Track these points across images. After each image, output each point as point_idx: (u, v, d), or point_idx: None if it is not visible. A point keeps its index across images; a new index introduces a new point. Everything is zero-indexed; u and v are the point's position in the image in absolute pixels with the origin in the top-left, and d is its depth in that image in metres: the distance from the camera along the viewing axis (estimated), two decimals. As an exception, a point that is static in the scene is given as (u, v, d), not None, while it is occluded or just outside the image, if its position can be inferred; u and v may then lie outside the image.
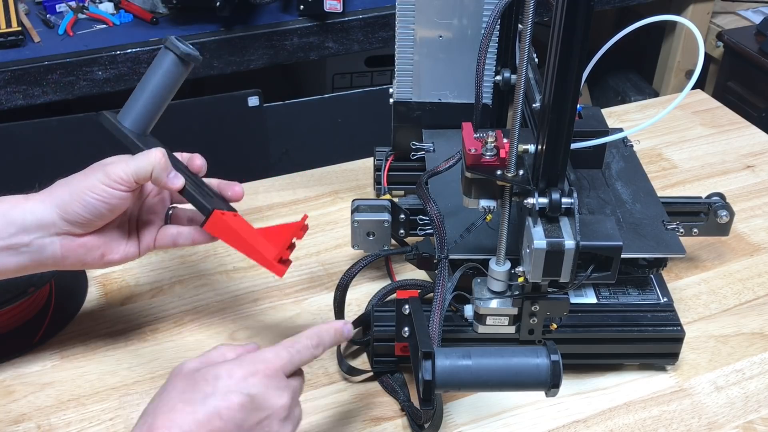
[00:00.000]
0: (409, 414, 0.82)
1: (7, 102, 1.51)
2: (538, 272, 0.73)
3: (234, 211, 0.81)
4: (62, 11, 1.68)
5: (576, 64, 0.67)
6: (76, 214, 0.75)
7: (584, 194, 0.91)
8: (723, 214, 0.95)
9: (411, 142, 1.04)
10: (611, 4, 2.00)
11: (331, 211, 1.12)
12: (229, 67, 1.65)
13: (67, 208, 0.75)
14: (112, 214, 0.77)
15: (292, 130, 1.72)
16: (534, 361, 0.68)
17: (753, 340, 0.93)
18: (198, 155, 0.86)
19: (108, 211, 0.76)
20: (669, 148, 1.26)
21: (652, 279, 0.90)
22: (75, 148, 1.55)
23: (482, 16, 0.98)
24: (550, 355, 0.68)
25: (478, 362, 0.68)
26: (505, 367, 0.68)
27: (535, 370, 0.67)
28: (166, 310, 0.95)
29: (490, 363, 0.68)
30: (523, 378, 0.68)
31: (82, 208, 0.75)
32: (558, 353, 0.68)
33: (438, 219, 0.81)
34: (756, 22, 2.13)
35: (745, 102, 2.07)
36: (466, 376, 0.68)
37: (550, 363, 0.67)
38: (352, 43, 1.72)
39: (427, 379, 0.67)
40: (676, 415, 0.84)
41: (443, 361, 0.67)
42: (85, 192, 0.75)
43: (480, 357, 0.68)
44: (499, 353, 0.69)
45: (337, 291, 0.88)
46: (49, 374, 0.87)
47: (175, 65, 0.82)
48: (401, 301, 0.79)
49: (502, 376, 0.68)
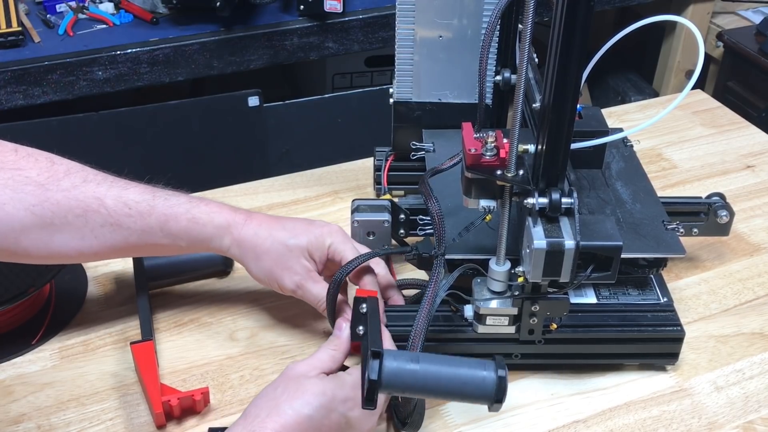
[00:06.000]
0: (393, 410, 0.82)
1: (7, 102, 1.51)
2: (538, 272, 0.73)
3: None
4: (62, 11, 1.68)
5: (576, 64, 0.67)
6: (262, 279, 0.85)
7: (584, 194, 0.91)
8: (723, 214, 0.95)
9: (411, 142, 1.04)
10: (611, 4, 2.00)
11: (331, 211, 1.12)
12: (229, 67, 1.65)
13: (262, 271, 0.85)
14: None
15: (292, 130, 1.72)
16: (481, 373, 0.66)
17: (753, 340, 0.93)
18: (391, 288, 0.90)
19: None
20: (669, 148, 1.26)
21: (652, 279, 0.90)
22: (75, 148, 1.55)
23: (482, 16, 0.98)
24: (497, 369, 0.66)
25: (426, 368, 0.67)
26: (452, 376, 0.67)
27: (481, 382, 0.66)
28: (166, 310, 0.95)
29: (437, 370, 0.67)
30: (469, 389, 0.67)
31: (270, 282, 0.85)
32: (505, 369, 0.67)
33: (438, 216, 0.81)
34: (756, 22, 2.13)
35: (745, 102, 2.07)
36: (411, 380, 0.66)
37: (497, 377, 0.66)
38: (352, 43, 1.72)
39: (373, 379, 0.66)
40: (676, 415, 0.84)
41: (391, 363, 0.66)
42: (280, 281, 0.84)
43: (428, 363, 0.67)
44: (447, 362, 0.68)
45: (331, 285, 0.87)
46: (49, 374, 0.87)
47: None
48: (359, 300, 0.79)
49: (448, 384, 0.67)
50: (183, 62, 1.60)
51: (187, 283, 0.99)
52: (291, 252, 0.84)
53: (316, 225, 0.87)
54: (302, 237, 0.84)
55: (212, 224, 0.84)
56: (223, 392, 0.85)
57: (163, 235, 0.83)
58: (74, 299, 0.96)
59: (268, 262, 0.84)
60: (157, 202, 0.82)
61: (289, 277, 0.84)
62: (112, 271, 1.01)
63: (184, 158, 1.66)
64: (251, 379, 0.87)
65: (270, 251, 0.84)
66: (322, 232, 0.85)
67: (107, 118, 1.55)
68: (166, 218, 0.82)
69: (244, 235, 0.84)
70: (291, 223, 0.86)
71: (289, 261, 0.84)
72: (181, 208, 0.83)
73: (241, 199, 1.13)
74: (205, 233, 0.84)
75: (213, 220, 0.84)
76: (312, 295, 0.84)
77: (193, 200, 0.85)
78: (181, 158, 1.66)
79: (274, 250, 0.84)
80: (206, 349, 0.90)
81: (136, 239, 0.82)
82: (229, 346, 0.91)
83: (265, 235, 0.84)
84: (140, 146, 1.61)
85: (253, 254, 0.84)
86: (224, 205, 0.86)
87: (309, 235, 0.85)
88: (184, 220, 0.83)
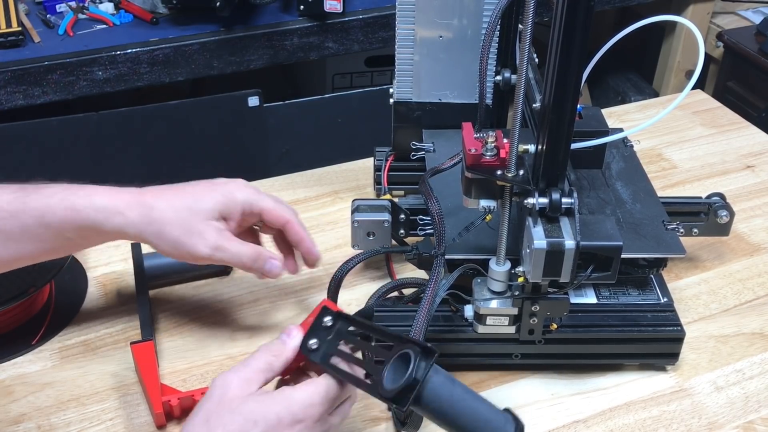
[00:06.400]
0: (393, 412, 0.82)
1: (7, 102, 1.51)
2: (538, 272, 0.73)
3: None
4: (62, 11, 1.68)
5: (576, 64, 0.67)
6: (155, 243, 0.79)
7: (584, 194, 0.91)
8: (723, 214, 0.95)
9: (411, 142, 1.04)
10: (611, 4, 2.00)
11: (331, 211, 1.12)
12: (229, 67, 1.65)
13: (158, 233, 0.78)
14: None
15: (292, 130, 1.72)
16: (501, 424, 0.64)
17: (753, 340, 0.93)
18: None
19: None
20: (669, 148, 1.26)
21: (652, 279, 0.90)
22: (75, 148, 1.56)
23: (482, 16, 0.98)
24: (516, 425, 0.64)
25: (461, 395, 0.64)
26: (473, 414, 0.64)
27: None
28: (166, 309, 0.95)
29: (466, 399, 0.64)
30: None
31: (180, 254, 0.79)
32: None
33: (438, 216, 0.81)
34: (756, 22, 2.13)
35: (745, 102, 2.06)
36: (447, 402, 0.63)
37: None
38: (352, 43, 1.72)
39: (417, 378, 0.62)
40: (676, 415, 0.84)
41: (438, 375, 0.63)
42: (192, 249, 0.78)
43: (463, 391, 0.64)
44: (477, 399, 0.65)
45: (332, 282, 0.87)
46: (49, 374, 0.87)
47: None
48: (326, 311, 0.71)
49: (467, 420, 0.64)
50: (183, 62, 1.60)
51: (187, 283, 0.99)
52: (198, 216, 0.78)
53: (218, 183, 0.82)
54: (207, 199, 0.80)
55: (92, 207, 0.76)
56: (223, 392, 0.85)
57: (45, 232, 0.75)
58: (74, 299, 0.96)
59: (173, 233, 0.78)
60: (29, 198, 0.75)
61: (202, 243, 0.78)
62: (112, 271, 1.01)
63: (184, 158, 1.66)
64: (251, 379, 0.87)
65: (173, 221, 0.78)
66: (230, 189, 0.81)
67: (107, 118, 1.55)
68: (41, 212, 0.75)
69: (140, 211, 0.77)
70: (190, 188, 0.81)
71: (198, 226, 0.78)
72: (56, 198, 0.76)
73: (241, 199, 1.13)
74: (88, 219, 0.76)
75: (93, 203, 0.76)
76: (231, 254, 0.80)
77: (71, 187, 0.77)
78: (181, 158, 1.65)
79: (178, 219, 0.78)
80: (206, 349, 0.91)
81: (19, 244, 0.76)
82: (229, 346, 0.91)
83: (164, 206, 0.78)
84: (140, 146, 1.61)
85: (155, 229, 0.78)
86: (107, 187, 0.79)
87: (215, 195, 0.80)
88: (61, 209, 0.75)
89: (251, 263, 0.82)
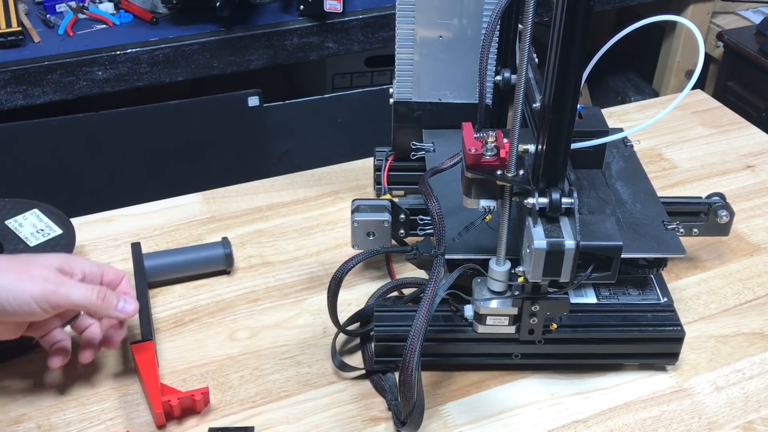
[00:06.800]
0: (393, 411, 0.82)
1: (7, 102, 1.51)
2: (538, 272, 0.73)
3: None
4: (62, 11, 1.68)
5: (576, 64, 0.67)
6: None
7: (584, 194, 0.92)
8: (723, 214, 0.95)
9: (411, 142, 1.04)
10: (611, 4, 2.00)
11: (331, 211, 1.12)
12: (229, 67, 1.65)
13: None
14: None
15: (292, 130, 1.72)
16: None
17: (753, 340, 0.93)
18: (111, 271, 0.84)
19: None
20: (669, 148, 1.27)
21: (652, 279, 0.90)
22: (75, 148, 1.56)
23: (482, 16, 0.98)
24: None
25: None
26: None
27: None
28: (166, 310, 0.95)
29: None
30: None
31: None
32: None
33: (438, 215, 0.81)
34: (756, 22, 2.13)
35: (745, 102, 2.07)
36: None
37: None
38: (352, 43, 1.72)
39: None
40: (676, 415, 0.84)
41: None
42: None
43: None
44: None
45: (332, 282, 0.87)
46: (49, 374, 0.87)
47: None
48: None
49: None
50: (183, 62, 1.60)
51: (187, 283, 0.99)
52: (34, 263, 0.76)
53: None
54: (46, 255, 0.78)
55: None
56: (223, 392, 0.85)
57: None
58: (74, 299, 0.96)
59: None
60: None
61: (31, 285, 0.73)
62: (112, 271, 1.01)
63: (184, 158, 1.66)
64: (251, 379, 0.87)
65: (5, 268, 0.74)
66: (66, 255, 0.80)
67: (107, 118, 1.55)
68: None
69: None
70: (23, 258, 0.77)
71: (32, 270, 0.74)
72: None
73: (241, 199, 1.13)
74: None
75: None
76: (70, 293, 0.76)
77: None
78: (181, 158, 1.65)
79: (10, 267, 0.74)
80: (206, 349, 0.91)
81: None
82: (229, 346, 0.91)
83: None
84: (140, 146, 1.61)
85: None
86: None
87: (52, 254, 0.79)
88: None
89: (98, 301, 0.78)
